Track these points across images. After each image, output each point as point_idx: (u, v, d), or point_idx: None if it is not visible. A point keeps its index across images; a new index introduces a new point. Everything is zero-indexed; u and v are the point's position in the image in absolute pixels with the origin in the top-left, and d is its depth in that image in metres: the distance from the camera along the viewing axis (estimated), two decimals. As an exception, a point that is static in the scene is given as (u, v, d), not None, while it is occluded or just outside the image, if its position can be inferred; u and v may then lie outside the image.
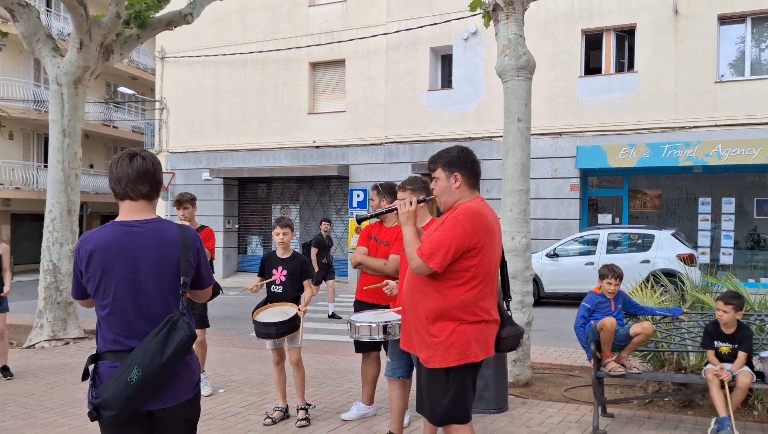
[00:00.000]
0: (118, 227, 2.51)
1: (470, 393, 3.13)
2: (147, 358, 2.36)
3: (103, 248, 2.46)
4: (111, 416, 2.36)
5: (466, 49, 17.01)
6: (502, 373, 5.36)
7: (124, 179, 2.52)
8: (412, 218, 3.24)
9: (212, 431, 4.95)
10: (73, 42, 9.10)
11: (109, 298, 2.46)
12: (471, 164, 3.22)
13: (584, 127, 15.64)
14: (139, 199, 2.55)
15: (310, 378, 6.65)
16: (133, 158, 2.55)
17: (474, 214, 3.06)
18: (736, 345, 4.63)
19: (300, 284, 5.12)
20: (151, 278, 2.47)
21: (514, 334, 3.26)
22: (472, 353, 3.03)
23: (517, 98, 6.26)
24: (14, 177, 23.69)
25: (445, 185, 3.21)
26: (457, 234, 2.99)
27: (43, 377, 6.91)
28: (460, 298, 3.02)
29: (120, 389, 2.34)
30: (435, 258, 2.99)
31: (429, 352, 3.07)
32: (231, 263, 20.64)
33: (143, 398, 2.40)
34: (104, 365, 2.47)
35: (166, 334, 2.41)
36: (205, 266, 2.69)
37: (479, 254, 3.02)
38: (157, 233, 2.52)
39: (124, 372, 2.35)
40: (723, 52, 14.72)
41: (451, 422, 3.10)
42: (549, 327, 10.26)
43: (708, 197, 15.26)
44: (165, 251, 2.50)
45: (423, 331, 3.10)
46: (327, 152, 18.81)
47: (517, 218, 6.19)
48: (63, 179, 9.23)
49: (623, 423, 5.05)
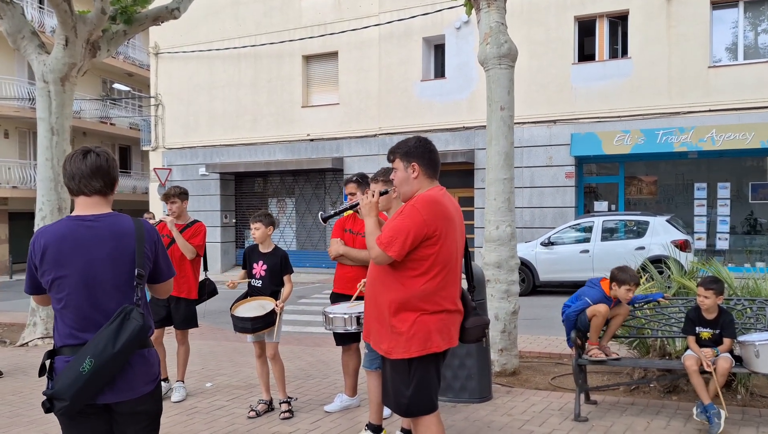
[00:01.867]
0: (73, 221, 2.53)
1: (434, 383, 3.11)
2: (99, 348, 2.36)
3: (58, 241, 2.47)
4: (63, 406, 2.36)
5: (458, 38, 16.94)
6: (486, 363, 5.36)
7: (78, 176, 2.53)
8: (374, 210, 3.27)
9: (196, 425, 4.96)
10: (59, 39, 9.07)
11: (64, 292, 2.47)
12: (429, 154, 3.23)
13: (578, 114, 15.60)
14: (93, 195, 2.56)
15: (298, 370, 6.67)
16: (86, 154, 2.56)
17: (432, 202, 3.06)
18: (718, 330, 4.62)
19: (280, 279, 5.11)
20: (106, 270, 2.48)
21: (479, 325, 3.25)
22: (434, 343, 3.02)
23: (499, 87, 6.22)
24: (11, 176, 23.69)
25: (404, 175, 3.22)
26: (414, 222, 2.99)
27: (32, 375, 6.91)
28: (421, 288, 3.02)
29: (72, 379, 2.34)
30: (393, 246, 2.99)
31: (391, 343, 3.06)
32: (229, 257, 20.68)
33: (95, 389, 2.40)
34: (60, 360, 2.48)
35: (119, 324, 2.41)
36: (163, 259, 2.69)
37: (438, 242, 3.02)
38: (112, 227, 2.53)
39: (76, 362, 2.36)
40: (716, 36, 14.64)
41: (416, 413, 3.09)
42: (543, 316, 10.26)
43: (703, 183, 15.22)
44: (120, 243, 2.51)
45: (385, 322, 3.09)
46: (321, 144, 18.79)
47: (501, 207, 6.17)
48: (53, 177, 9.22)
49: (606, 409, 5.06)
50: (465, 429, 4.64)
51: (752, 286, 5.49)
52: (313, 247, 19.58)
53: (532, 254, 13.34)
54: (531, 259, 13.25)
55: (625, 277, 4.85)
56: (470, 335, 3.22)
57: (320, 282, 16.52)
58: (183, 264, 5.68)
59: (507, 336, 6.12)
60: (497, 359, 6.06)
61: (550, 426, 4.67)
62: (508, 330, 6.12)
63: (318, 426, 4.84)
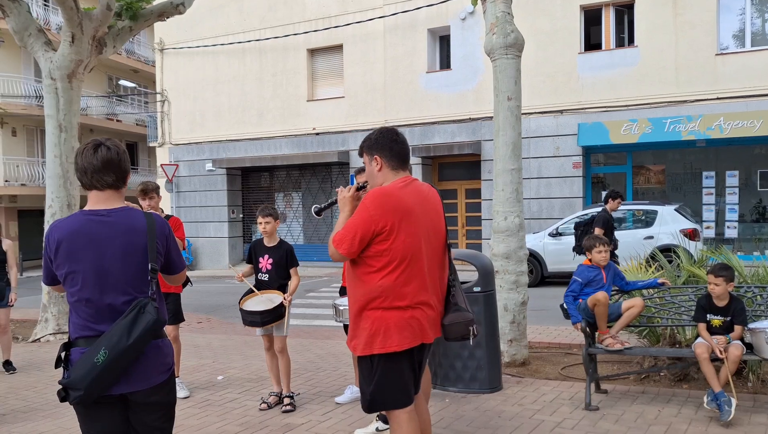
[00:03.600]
0: (86, 216, 2.55)
1: (399, 380, 2.99)
2: (113, 340, 2.40)
3: (71, 235, 2.50)
4: (78, 396, 2.40)
5: (463, 29, 16.88)
6: (495, 353, 5.37)
7: (89, 170, 2.54)
8: (348, 204, 3.19)
9: (209, 417, 5.01)
10: (65, 36, 9.10)
11: (77, 285, 2.50)
12: (390, 144, 3.12)
13: (585, 104, 15.52)
14: (106, 189, 2.57)
15: (308, 363, 6.71)
16: (97, 148, 2.56)
17: (381, 196, 2.97)
18: (729, 317, 4.61)
19: (286, 272, 5.14)
20: (118, 264, 2.51)
21: (459, 321, 3.07)
22: (394, 342, 2.92)
23: (506, 77, 6.20)
24: (19, 174, 23.85)
25: (369, 169, 3.18)
26: (362, 219, 2.93)
27: (45, 370, 6.99)
28: (377, 284, 2.94)
29: (87, 369, 2.38)
30: (343, 244, 2.95)
31: (356, 340, 3.03)
32: (236, 252, 20.74)
33: (110, 379, 2.43)
34: (75, 351, 2.51)
35: (134, 317, 2.45)
36: (175, 251, 2.74)
37: (390, 237, 2.92)
38: (125, 221, 2.55)
39: (91, 353, 2.41)
40: (723, 23, 14.52)
41: (376, 409, 3.07)
42: (552, 306, 10.23)
43: (712, 171, 15.14)
44: (132, 238, 2.54)
45: (352, 319, 3.07)
46: (327, 138, 18.79)
47: (510, 198, 6.17)
48: (61, 173, 9.28)
49: (616, 398, 5.06)
50: (475, 419, 4.65)
51: (762, 274, 5.47)
52: (321, 241, 19.60)
53: (540, 244, 13.32)
54: (539, 250, 13.23)
55: (590, 242, 5.15)
56: (450, 332, 3.07)
57: (328, 276, 16.57)
58: None
59: (516, 326, 6.13)
60: (507, 349, 6.06)
61: (561, 415, 4.68)
62: (517, 321, 6.12)
63: (329, 417, 4.87)
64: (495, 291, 5.52)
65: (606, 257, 5.09)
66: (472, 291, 5.20)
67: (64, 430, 4.84)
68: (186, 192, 20.89)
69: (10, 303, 6.96)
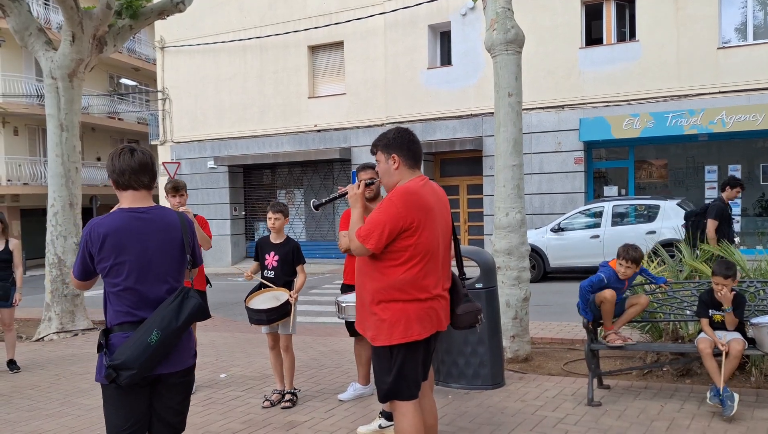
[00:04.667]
0: (127, 213, 2.79)
1: (416, 370, 3.17)
2: (165, 322, 2.65)
3: (115, 231, 2.73)
4: (130, 375, 2.60)
5: (464, 24, 16.84)
6: (498, 349, 5.37)
7: (128, 171, 2.79)
8: (360, 200, 3.34)
9: (212, 415, 5.02)
10: (65, 35, 9.10)
11: (122, 276, 2.72)
12: (408, 144, 3.25)
13: (587, 99, 15.49)
14: (141, 189, 2.83)
15: (311, 360, 6.72)
16: (133, 152, 2.82)
17: (407, 194, 3.11)
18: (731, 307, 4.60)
19: (292, 270, 5.14)
20: (159, 257, 2.78)
21: (470, 311, 3.30)
22: (415, 331, 3.08)
23: (507, 72, 6.19)
24: (22, 173, 23.89)
25: (385, 167, 3.28)
26: (390, 215, 3.06)
27: (49, 369, 7.02)
28: (400, 277, 3.08)
29: (141, 349, 2.60)
30: (370, 240, 3.07)
31: (374, 331, 3.14)
32: (239, 249, 20.77)
33: (159, 359, 2.67)
34: (117, 336, 2.71)
35: (180, 302, 2.72)
36: (198, 247, 3.04)
37: (416, 233, 3.07)
38: (162, 218, 2.83)
39: (144, 334, 2.62)
40: (725, 17, 14.46)
41: (394, 398, 3.16)
42: (554, 302, 10.27)
43: (714, 165, 15.10)
44: (170, 233, 2.83)
45: (369, 311, 3.17)
46: (328, 135, 18.78)
47: (511, 194, 6.16)
48: (63, 172, 9.29)
49: (619, 394, 5.06)
50: (478, 416, 4.66)
51: (765, 268, 5.46)
52: (323, 238, 19.62)
53: (542, 240, 13.31)
54: (541, 245, 13.22)
55: (620, 251, 4.93)
56: (462, 321, 3.29)
57: (330, 273, 16.58)
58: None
59: (519, 322, 6.13)
60: (509, 345, 6.07)
61: (564, 411, 4.69)
62: (519, 317, 6.12)
63: (332, 414, 4.88)
64: (497, 287, 5.52)
65: (625, 273, 4.88)
66: (474, 287, 5.19)
67: (67, 429, 4.85)
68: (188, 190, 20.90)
69: (15, 303, 6.98)
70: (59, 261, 9.19)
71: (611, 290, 4.90)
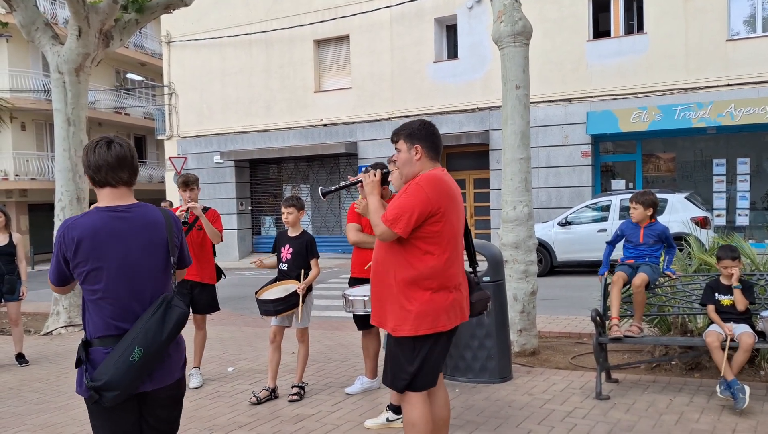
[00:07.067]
0: (105, 213, 2.51)
1: (439, 361, 3.19)
2: (148, 337, 2.40)
3: (93, 233, 2.45)
4: (113, 396, 2.37)
5: (470, 18, 16.77)
6: (505, 343, 5.35)
7: (104, 167, 2.51)
8: (377, 188, 3.35)
9: (220, 408, 5.03)
10: (72, 29, 9.10)
11: (101, 283, 2.46)
12: (431, 137, 3.27)
13: (594, 92, 15.41)
14: (120, 186, 2.56)
15: (318, 354, 6.72)
16: (110, 144, 2.54)
17: (435, 180, 3.13)
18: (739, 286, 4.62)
19: (305, 263, 5.15)
20: (143, 260, 2.52)
21: (482, 298, 3.38)
22: (441, 322, 3.08)
23: (514, 65, 6.15)
24: (29, 168, 23.98)
25: (407, 156, 3.26)
26: (419, 199, 3.05)
27: (58, 362, 7.05)
28: (429, 266, 3.07)
29: (123, 369, 2.35)
30: (399, 223, 3.04)
31: (398, 321, 3.10)
32: (246, 244, 20.81)
33: (143, 377, 2.44)
34: (97, 351, 2.46)
35: (163, 313, 2.46)
36: (185, 246, 2.77)
37: (442, 219, 3.08)
38: (144, 217, 2.56)
39: (125, 352, 2.37)
40: (734, 8, 14.34)
41: (415, 389, 3.14)
42: (561, 296, 10.24)
43: (722, 158, 15.01)
44: (152, 233, 2.56)
45: (395, 301, 3.12)
46: (335, 129, 18.76)
47: (518, 187, 6.13)
48: (70, 167, 9.31)
49: (627, 387, 5.04)
50: (486, 409, 4.65)
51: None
52: (329, 232, 19.63)
53: (550, 234, 13.27)
54: (548, 239, 13.18)
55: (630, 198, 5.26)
56: (474, 309, 3.34)
57: (336, 267, 16.59)
58: (205, 250, 5.74)
59: (526, 316, 6.11)
60: (517, 339, 6.05)
61: (572, 405, 4.67)
62: (527, 311, 6.10)
63: (339, 407, 4.88)
64: (504, 281, 5.50)
65: (635, 215, 5.11)
66: (481, 281, 5.16)
67: (77, 422, 4.87)
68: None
69: (21, 297, 7.01)
70: (67, 255, 9.20)
71: (620, 272, 5.00)
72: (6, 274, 6.89)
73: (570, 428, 4.23)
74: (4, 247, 6.90)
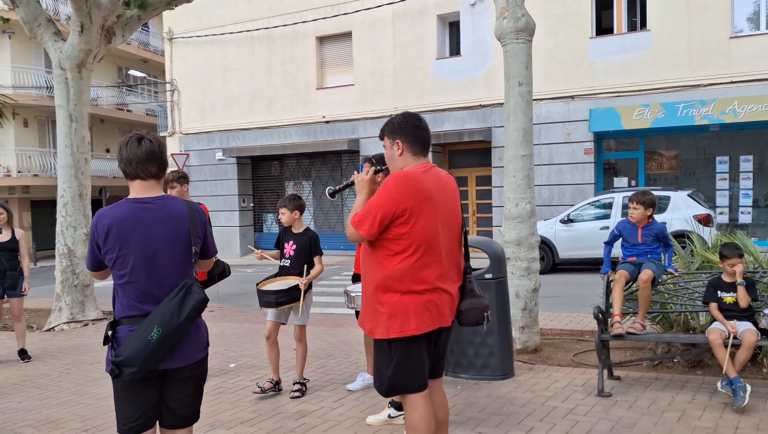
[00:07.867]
0: (133, 204, 2.73)
1: (417, 364, 3.01)
2: (166, 318, 2.60)
3: (120, 222, 2.68)
4: (132, 372, 2.57)
5: (473, 14, 16.73)
6: (507, 340, 5.35)
7: (135, 161, 2.73)
8: (366, 186, 3.25)
9: (222, 404, 5.03)
10: (74, 25, 9.10)
11: (127, 268, 2.68)
12: (413, 130, 3.13)
13: (597, 89, 15.37)
14: (149, 178, 2.77)
15: (319, 351, 6.72)
16: (141, 140, 2.76)
17: (404, 179, 2.98)
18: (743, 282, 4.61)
19: (309, 260, 5.16)
20: (165, 248, 2.71)
21: (475, 307, 3.10)
22: (412, 326, 2.94)
23: (517, 62, 6.14)
24: (31, 164, 24.01)
25: (390, 153, 3.18)
26: (383, 201, 2.95)
27: (60, 358, 7.06)
28: (396, 267, 2.95)
29: (141, 346, 2.56)
30: (364, 225, 2.96)
31: (373, 323, 3.03)
32: (247, 241, 20.81)
33: (161, 355, 2.62)
34: (123, 329, 2.69)
35: (182, 297, 2.66)
36: (210, 238, 2.98)
37: (410, 221, 2.94)
38: (168, 209, 2.76)
39: (145, 331, 2.58)
40: (737, 5, 14.28)
41: (394, 393, 3.07)
42: (563, 293, 10.24)
43: (726, 156, 14.97)
44: (176, 224, 2.75)
45: (370, 302, 3.07)
46: (337, 126, 18.75)
47: (521, 184, 6.12)
48: (72, 163, 9.32)
49: (629, 385, 5.04)
50: (488, 406, 4.65)
51: (778, 259, 5.41)
52: (331, 229, 19.62)
53: (552, 231, 13.25)
54: (550, 237, 13.17)
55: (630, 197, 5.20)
56: (466, 317, 3.11)
57: (338, 264, 16.60)
58: None
59: (528, 313, 6.10)
60: (519, 336, 6.05)
61: (574, 402, 4.67)
62: (529, 308, 6.10)
63: (342, 403, 4.89)
64: (506, 278, 5.50)
65: (634, 215, 5.11)
66: (483, 278, 5.18)
67: (78, 418, 4.88)
68: (196, 182, 20.95)
69: (23, 292, 7.02)
70: (69, 252, 9.23)
71: (622, 271, 4.99)
72: (8, 270, 6.91)
73: (572, 425, 4.22)
74: (6, 243, 6.91)
